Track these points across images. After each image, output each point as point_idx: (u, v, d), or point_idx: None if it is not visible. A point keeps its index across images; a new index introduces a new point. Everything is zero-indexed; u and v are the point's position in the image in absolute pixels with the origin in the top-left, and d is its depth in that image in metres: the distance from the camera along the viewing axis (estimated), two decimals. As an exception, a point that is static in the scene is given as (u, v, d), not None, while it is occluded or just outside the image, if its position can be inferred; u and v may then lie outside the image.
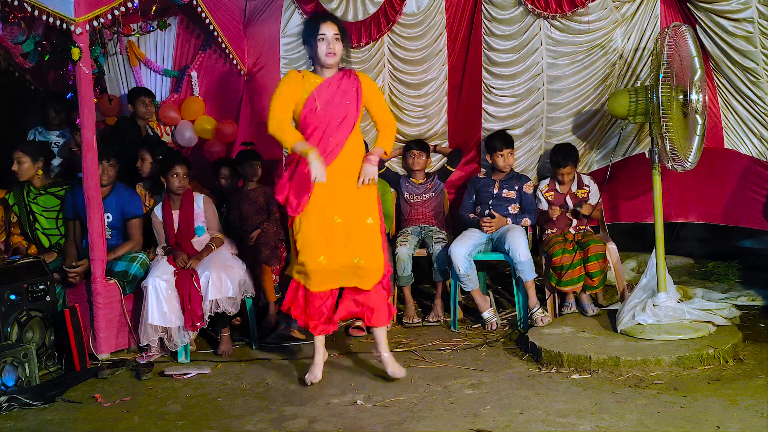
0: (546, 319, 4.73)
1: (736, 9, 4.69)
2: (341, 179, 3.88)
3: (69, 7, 4.42)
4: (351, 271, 3.89)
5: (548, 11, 5.19)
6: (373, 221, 3.95)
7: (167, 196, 4.93)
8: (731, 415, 3.22)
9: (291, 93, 3.89)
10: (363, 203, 3.93)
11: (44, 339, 4.41)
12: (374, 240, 3.93)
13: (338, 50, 3.88)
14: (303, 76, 3.93)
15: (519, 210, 5.17)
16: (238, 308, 4.71)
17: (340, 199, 3.88)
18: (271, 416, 3.59)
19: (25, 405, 3.82)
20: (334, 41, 3.86)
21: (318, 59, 3.90)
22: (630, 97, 4.46)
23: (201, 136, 6.10)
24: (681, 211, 5.26)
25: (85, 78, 4.57)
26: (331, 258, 3.86)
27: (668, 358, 3.83)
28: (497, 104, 5.54)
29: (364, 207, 3.93)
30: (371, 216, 3.94)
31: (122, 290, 4.68)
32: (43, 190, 5.05)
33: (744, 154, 5.01)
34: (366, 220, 3.92)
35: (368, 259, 3.88)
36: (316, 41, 3.86)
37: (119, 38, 6.02)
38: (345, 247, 3.87)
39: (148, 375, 4.28)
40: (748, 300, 4.92)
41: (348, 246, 3.87)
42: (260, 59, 6.00)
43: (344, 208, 3.89)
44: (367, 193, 3.95)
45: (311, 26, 3.92)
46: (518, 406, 3.49)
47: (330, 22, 3.90)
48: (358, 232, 3.89)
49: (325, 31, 3.85)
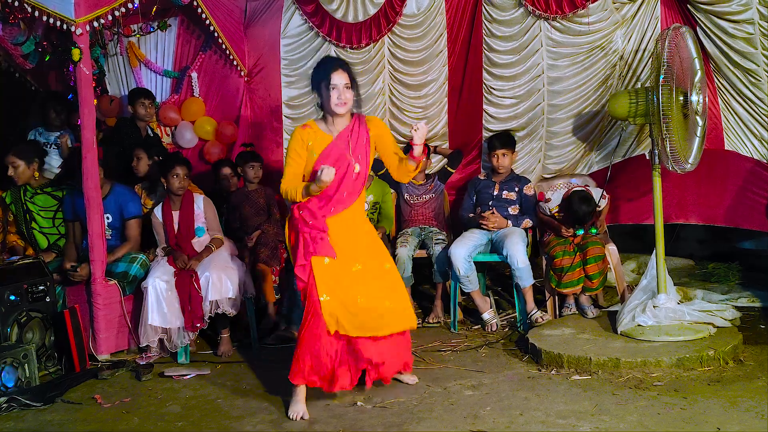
0: (546, 317, 4.73)
1: (736, 10, 4.69)
2: (353, 228, 3.77)
3: (69, 7, 4.43)
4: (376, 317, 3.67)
5: (549, 12, 5.19)
6: (391, 266, 3.84)
7: (167, 196, 4.93)
8: (731, 416, 3.22)
9: (300, 158, 3.71)
10: (377, 250, 3.83)
11: (44, 340, 4.40)
12: (399, 284, 3.83)
13: (349, 99, 3.68)
14: (310, 130, 3.72)
15: (519, 211, 5.16)
16: (238, 309, 4.71)
17: (355, 247, 3.74)
18: (270, 417, 3.59)
19: (24, 406, 3.82)
20: (344, 90, 3.65)
21: (328, 109, 3.70)
22: (630, 98, 4.46)
23: (201, 137, 6.10)
24: (681, 213, 5.25)
25: (85, 79, 4.58)
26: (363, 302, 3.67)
27: (668, 360, 3.83)
28: (498, 105, 5.54)
29: (379, 253, 3.83)
30: (388, 262, 3.84)
31: (122, 291, 4.68)
32: (40, 189, 5.05)
33: (744, 155, 5.01)
34: (384, 265, 3.80)
35: (396, 301, 3.75)
36: (325, 90, 3.67)
37: (119, 39, 6.03)
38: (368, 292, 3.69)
39: (147, 376, 4.28)
40: (749, 301, 4.91)
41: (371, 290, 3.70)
42: (260, 60, 6.00)
43: (362, 255, 3.75)
44: (376, 240, 3.89)
45: (321, 74, 3.70)
46: (518, 408, 3.49)
47: (341, 71, 3.67)
48: (381, 276, 3.76)
49: (336, 81, 3.63)
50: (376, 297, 3.69)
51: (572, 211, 4.81)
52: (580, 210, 4.78)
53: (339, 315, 3.59)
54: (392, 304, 3.72)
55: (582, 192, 4.92)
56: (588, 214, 4.80)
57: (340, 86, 3.65)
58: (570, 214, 4.84)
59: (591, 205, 4.81)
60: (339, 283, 3.64)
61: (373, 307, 3.67)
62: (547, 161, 5.53)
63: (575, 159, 5.48)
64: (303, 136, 3.71)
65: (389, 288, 3.76)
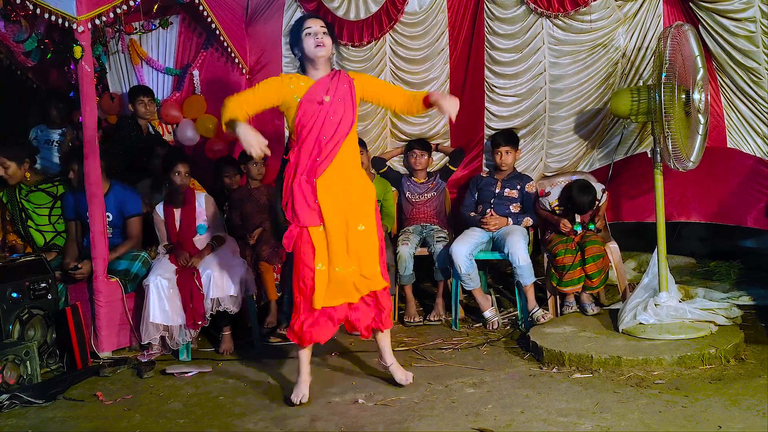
0: (547, 315, 4.74)
1: (738, 8, 4.69)
2: (342, 185, 3.72)
3: (71, 5, 4.42)
4: (356, 284, 3.74)
5: (551, 10, 5.18)
6: (366, 227, 3.75)
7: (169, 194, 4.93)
8: (733, 414, 3.21)
9: (275, 91, 3.71)
10: (358, 210, 3.75)
11: (46, 337, 4.41)
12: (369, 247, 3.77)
13: (328, 43, 3.69)
14: (289, 78, 3.76)
15: (520, 209, 5.16)
16: (240, 307, 4.71)
17: (342, 203, 3.72)
18: (272, 415, 3.59)
19: (26, 403, 3.83)
20: (322, 34, 3.68)
21: (307, 55, 3.70)
22: (632, 96, 4.46)
23: (203, 135, 6.10)
24: (683, 211, 5.25)
25: (86, 76, 4.58)
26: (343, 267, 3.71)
27: (670, 358, 3.83)
28: (500, 103, 5.53)
29: (359, 213, 3.75)
30: (364, 222, 3.75)
31: (124, 288, 4.68)
32: (34, 187, 5.05)
33: (747, 153, 5.00)
34: (357, 226, 3.73)
35: (368, 269, 3.76)
36: (302, 38, 3.70)
37: (121, 36, 6.02)
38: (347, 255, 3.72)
39: (149, 373, 4.28)
40: (750, 300, 4.91)
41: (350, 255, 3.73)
42: (262, 58, 5.99)
43: (348, 212, 3.73)
44: (363, 197, 3.79)
45: (296, 26, 3.79)
46: (519, 406, 3.49)
47: (315, 18, 3.78)
48: (355, 240, 3.73)
49: (310, 24, 3.71)
50: (350, 264, 3.71)
51: (572, 200, 4.81)
52: (580, 199, 4.78)
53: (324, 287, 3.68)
54: (364, 271, 3.74)
55: (581, 181, 4.93)
56: (588, 203, 4.80)
57: (317, 29, 3.69)
58: (569, 203, 4.83)
59: (591, 193, 4.81)
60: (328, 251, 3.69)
61: (347, 277, 3.71)
62: (549, 159, 5.53)
63: (577, 157, 5.48)
64: (284, 79, 3.74)
65: (360, 254, 3.73)
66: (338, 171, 3.72)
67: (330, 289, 3.70)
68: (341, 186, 3.72)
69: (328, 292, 3.70)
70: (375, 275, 3.78)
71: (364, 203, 3.78)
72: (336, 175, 3.71)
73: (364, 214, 3.77)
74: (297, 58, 3.82)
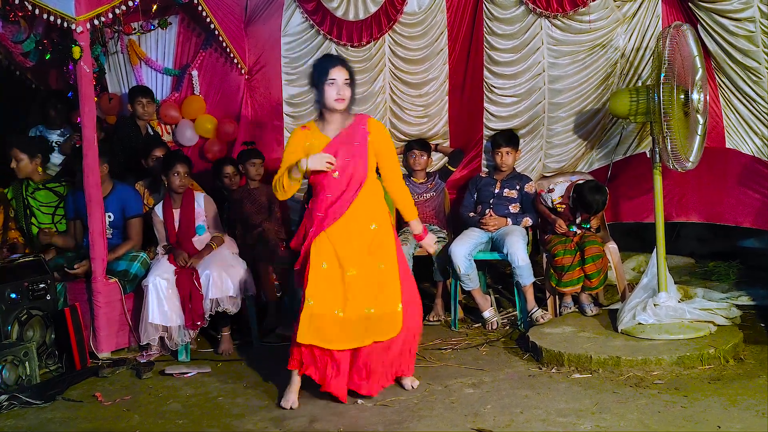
0: (546, 316, 4.74)
1: (737, 8, 4.69)
2: (356, 230, 3.70)
3: (70, 5, 4.42)
4: (365, 326, 3.63)
5: (549, 10, 5.18)
6: (387, 266, 3.71)
7: (168, 195, 4.92)
8: (732, 414, 3.22)
9: (296, 154, 3.72)
10: (378, 249, 3.73)
11: (45, 338, 4.40)
12: (389, 285, 3.70)
13: (347, 96, 3.69)
14: (305, 134, 3.76)
15: (519, 210, 5.16)
16: (239, 307, 4.71)
17: (355, 251, 3.69)
18: (271, 415, 3.59)
19: (25, 404, 3.82)
20: (343, 87, 3.66)
21: (326, 104, 3.71)
22: (631, 96, 4.46)
23: (202, 135, 6.10)
24: (682, 211, 5.25)
25: (85, 77, 4.57)
26: (348, 311, 3.63)
27: (669, 358, 3.83)
28: (499, 104, 5.53)
29: (379, 252, 3.73)
30: (385, 261, 3.72)
31: (123, 289, 4.68)
32: (42, 185, 5.05)
33: (745, 153, 5.01)
34: (379, 265, 3.70)
35: (382, 307, 3.65)
36: (324, 86, 3.67)
37: (120, 37, 6.02)
38: (359, 298, 3.64)
39: (148, 374, 4.28)
40: (749, 300, 4.91)
41: (357, 297, 3.64)
42: (261, 58, 5.99)
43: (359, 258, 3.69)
44: (379, 236, 3.76)
45: (320, 70, 3.72)
46: (519, 406, 3.49)
47: (340, 67, 3.70)
48: (372, 279, 3.68)
49: (335, 76, 3.65)
50: (360, 306, 3.62)
51: (584, 201, 4.79)
52: (593, 199, 4.76)
53: (319, 325, 3.58)
54: (377, 310, 3.64)
55: (592, 182, 4.93)
56: (602, 203, 4.80)
57: (340, 81, 3.67)
58: (581, 203, 4.82)
59: (604, 194, 4.81)
60: (328, 291, 3.63)
61: (354, 317, 3.61)
62: (548, 159, 5.53)
63: (576, 157, 5.48)
64: (303, 135, 3.76)
65: (377, 292, 3.67)
66: (350, 218, 3.70)
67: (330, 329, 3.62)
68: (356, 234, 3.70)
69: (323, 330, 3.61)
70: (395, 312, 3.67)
71: (380, 241, 3.75)
72: (347, 222, 3.70)
73: (383, 252, 3.74)
74: (315, 100, 3.78)
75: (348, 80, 3.70)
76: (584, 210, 4.84)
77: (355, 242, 3.70)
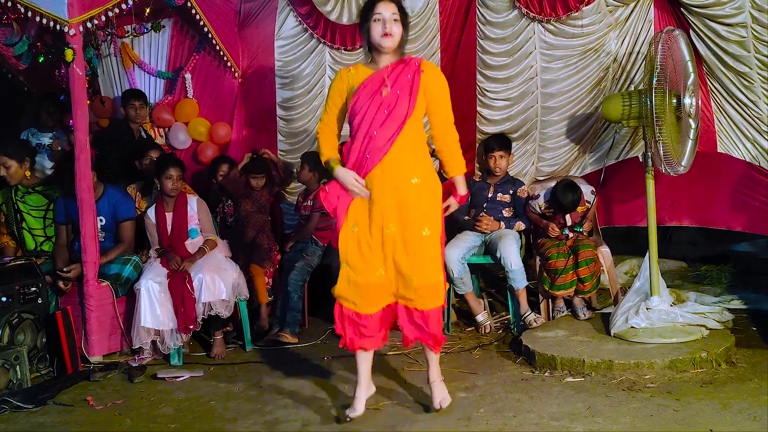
0: (539, 319, 4.74)
1: (729, 14, 4.71)
2: (395, 183, 3.38)
3: (62, 8, 4.41)
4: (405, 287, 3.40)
5: (542, 15, 5.19)
6: (431, 232, 3.40)
7: (160, 198, 4.91)
8: (724, 418, 3.22)
9: (340, 93, 3.48)
10: (420, 211, 3.40)
11: (36, 341, 4.38)
12: (430, 253, 3.41)
13: (396, 32, 3.35)
14: (348, 72, 3.48)
15: (513, 214, 5.17)
16: (232, 311, 4.70)
17: (390, 206, 3.39)
18: (264, 419, 3.58)
19: (16, 408, 3.80)
20: (391, 22, 3.33)
21: (373, 43, 3.38)
22: (623, 101, 4.47)
23: (195, 138, 6.09)
24: (674, 215, 5.26)
25: (78, 79, 4.56)
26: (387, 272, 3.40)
27: (661, 362, 3.84)
28: (491, 107, 5.54)
29: (420, 215, 3.40)
30: (429, 226, 3.41)
31: (115, 293, 4.66)
32: (31, 188, 5.03)
33: (737, 158, 5.02)
34: (422, 231, 3.39)
35: (422, 276, 3.38)
36: (370, 23, 3.36)
37: (113, 40, 6.02)
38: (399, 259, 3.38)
39: (140, 378, 4.27)
40: (741, 303, 4.92)
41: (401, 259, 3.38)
42: (255, 61, 5.99)
43: (397, 216, 3.39)
44: (423, 196, 3.43)
45: (367, 7, 3.42)
46: (511, 410, 3.49)
47: (388, 1, 3.38)
48: (414, 245, 3.38)
49: (381, 10, 3.34)
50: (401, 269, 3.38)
51: (556, 199, 4.82)
52: (564, 197, 4.79)
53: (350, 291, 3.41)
54: (419, 280, 3.37)
55: (566, 180, 4.94)
56: (573, 201, 4.81)
57: (387, 16, 3.35)
58: (555, 203, 4.84)
59: (576, 192, 4.82)
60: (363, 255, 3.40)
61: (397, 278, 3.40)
62: (541, 163, 5.53)
63: (569, 161, 5.49)
64: (344, 76, 3.47)
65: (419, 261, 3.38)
66: (389, 166, 3.39)
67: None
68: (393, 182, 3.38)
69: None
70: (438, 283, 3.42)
71: (423, 202, 3.43)
72: (386, 172, 3.38)
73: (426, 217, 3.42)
74: (365, 42, 3.46)
75: (396, 15, 3.37)
76: (559, 210, 4.86)
77: (395, 195, 3.38)
